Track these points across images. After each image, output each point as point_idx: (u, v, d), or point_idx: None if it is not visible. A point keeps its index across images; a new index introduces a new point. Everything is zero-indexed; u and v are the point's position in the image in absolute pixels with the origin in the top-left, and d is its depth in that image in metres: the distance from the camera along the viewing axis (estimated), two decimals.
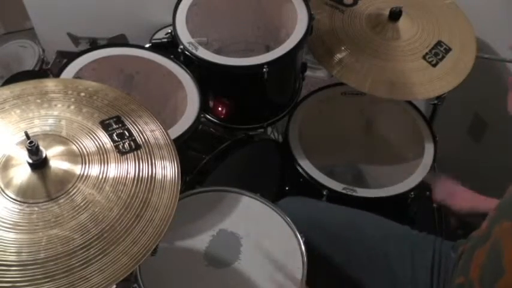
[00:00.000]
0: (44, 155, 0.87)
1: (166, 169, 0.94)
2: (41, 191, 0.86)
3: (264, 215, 1.24)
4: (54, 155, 0.90)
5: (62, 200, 0.85)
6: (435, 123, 1.65)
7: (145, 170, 0.92)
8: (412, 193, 1.44)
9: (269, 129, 1.86)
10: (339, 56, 1.50)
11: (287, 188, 1.65)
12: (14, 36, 2.20)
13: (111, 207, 0.86)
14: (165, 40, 1.48)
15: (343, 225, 1.28)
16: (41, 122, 0.96)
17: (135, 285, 1.08)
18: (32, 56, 2.03)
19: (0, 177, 0.87)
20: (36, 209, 0.84)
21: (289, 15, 1.53)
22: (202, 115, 1.39)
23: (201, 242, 1.18)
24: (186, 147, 1.39)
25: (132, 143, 0.96)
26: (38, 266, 0.78)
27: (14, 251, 0.79)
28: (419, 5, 1.60)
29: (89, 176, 0.89)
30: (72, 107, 0.99)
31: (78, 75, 1.32)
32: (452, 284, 1.07)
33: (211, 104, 1.51)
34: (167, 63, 1.42)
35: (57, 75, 1.31)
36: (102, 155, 0.92)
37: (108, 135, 0.96)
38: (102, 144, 0.94)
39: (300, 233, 1.18)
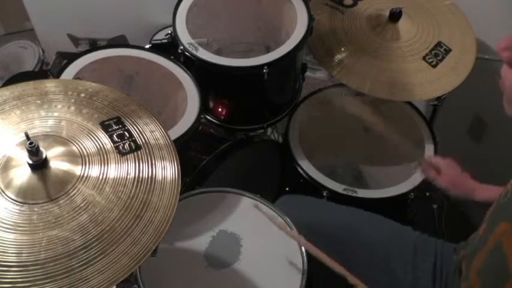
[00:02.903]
0: (44, 156, 0.87)
1: (167, 170, 0.94)
2: (41, 191, 0.86)
3: (264, 215, 1.24)
4: (54, 155, 0.90)
5: (62, 201, 0.86)
6: (435, 124, 1.66)
7: (145, 170, 0.92)
8: (412, 194, 1.44)
9: (269, 130, 1.86)
10: (339, 56, 1.50)
11: (287, 189, 1.65)
12: (14, 37, 2.20)
13: (111, 208, 0.86)
14: (165, 41, 1.48)
15: (343, 225, 1.27)
16: (41, 122, 0.96)
17: (135, 285, 1.08)
18: (32, 57, 2.03)
19: (1, 178, 0.87)
20: (36, 209, 0.84)
21: (289, 16, 1.53)
22: (202, 116, 1.39)
23: (201, 242, 1.18)
24: (186, 148, 1.39)
25: (132, 143, 0.96)
26: (38, 266, 0.78)
27: (14, 251, 0.79)
28: (419, 6, 1.60)
29: (89, 176, 0.89)
30: (72, 107, 0.99)
31: (78, 76, 1.32)
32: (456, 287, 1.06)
33: (211, 104, 1.51)
34: (167, 64, 1.42)
35: (57, 76, 1.31)
36: (102, 155, 0.92)
37: (108, 136, 0.96)
38: (102, 145, 0.94)
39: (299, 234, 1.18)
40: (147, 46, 1.47)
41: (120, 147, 0.95)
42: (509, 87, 0.82)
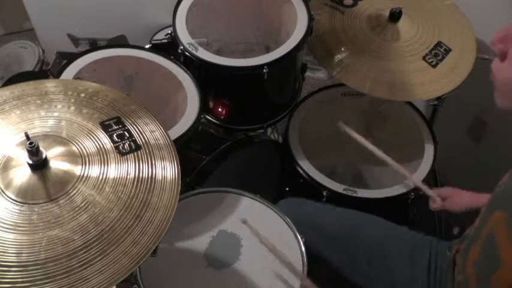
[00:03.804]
0: (44, 156, 0.87)
1: (167, 170, 0.94)
2: (41, 191, 0.86)
3: (264, 215, 1.24)
4: (54, 155, 0.90)
5: (62, 201, 0.86)
6: (435, 124, 1.65)
7: (145, 170, 0.92)
8: (412, 194, 1.44)
9: (269, 130, 1.85)
10: (339, 56, 1.50)
11: (287, 189, 1.65)
12: (14, 37, 2.20)
13: (111, 208, 0.86)
14: (165, 41, 1.48)
15: (342, 226, 1.28)
16: (41, 122, 0.96)
17: (135, 285, 1.08)
18: (32, 57, 2.03)
19: (1, 178, 0.87)
20: (36, 209, 0.84)
21: (289, 16, 1.53)
22: (202, 116, 1.40)
23: (201, 242, 1.19)
24: (186, 148, 1.39)
25: (132, 143, 0.96)
26: (38, 266, 0.78)
27: (14, 251, 0.79)
28: (419, 6, 1.60)
29: (89, 176, 0.89)
30: (72, 107, 0.99)
31: (78, 76, 1.32)
32: (450, 282, 1.07)
33: (211, 104, 1.51)
34: (167, 64, 1.42)
35: (57, 76, 1.31)
36: (102, 155, 0.93)
37: (108, 136, 0.96)
38: (102, 145, 0.94)
39: (299, 234, 1.18)
40: (147, 46, 1.47)
41: (120, 147, 0.95)
42: (500, 80, 0.84)
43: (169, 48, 1.46)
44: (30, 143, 0.84)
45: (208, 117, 1.56)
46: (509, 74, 0.81)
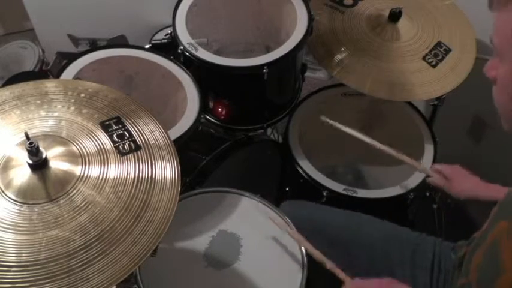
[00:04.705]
0: (44, 156, 0.87)
1: (166, 170, 0.94)
2: (41, 191, 0.86)
3: (264, 216, 1.24)
4: (54, 155, 0.90)
5: (62, 201, 0.86)
6: (435, 124, 1.65)
7: (145, 170, 0.92)
8: (411, 194, 1.44)
9: (269, 130, 1.85)
10: (338, 56, 1.50)
11: (287, 189, 1.65)
12: (14, 37, 2.20)
13: (111, 208, 0.86)
14: (165, 41, 1.48)
15: (343, 227, 1.28)
16: (41, 123, 0.96)
17: (135, 286, 1.08)
18: (32, 57, 2.03)
19: (1, 178, 0.87)
20: (36, 209, 0.84)
21: (289, 16, 1.53)
22: (202, 116, 1.39)
23: (201, 242, 1.19)
24: (186, 148, 1.39)
25: (132, 143, 0.96)
26: (38, 266, 0.78)
27: (14, 251, 0.79)
28: (419, 6, 1.60)
29: (89, 176, 0.89)
30: (72, 108, 0.99)
31: (78, 76, 1.32)
32: (455, 285, 1.07)
33: (211, 104, 1.51)
34: (167, 64, 1.42)
35: (57, 76, 1.31)
36: (102, 155, 0.93)
37: (108, 136, 0.96)
38: (102, 145, 0.94)
39: None
40: (147, 46, 1.47)
41: (120, 147, 0.95)
42: (496, 104, 0.88)
43: (169, 48, 1.46)
44: (30, 143, 0.84)
45: (208, 117, 1.56)
46: (498, 98, 0.87)
